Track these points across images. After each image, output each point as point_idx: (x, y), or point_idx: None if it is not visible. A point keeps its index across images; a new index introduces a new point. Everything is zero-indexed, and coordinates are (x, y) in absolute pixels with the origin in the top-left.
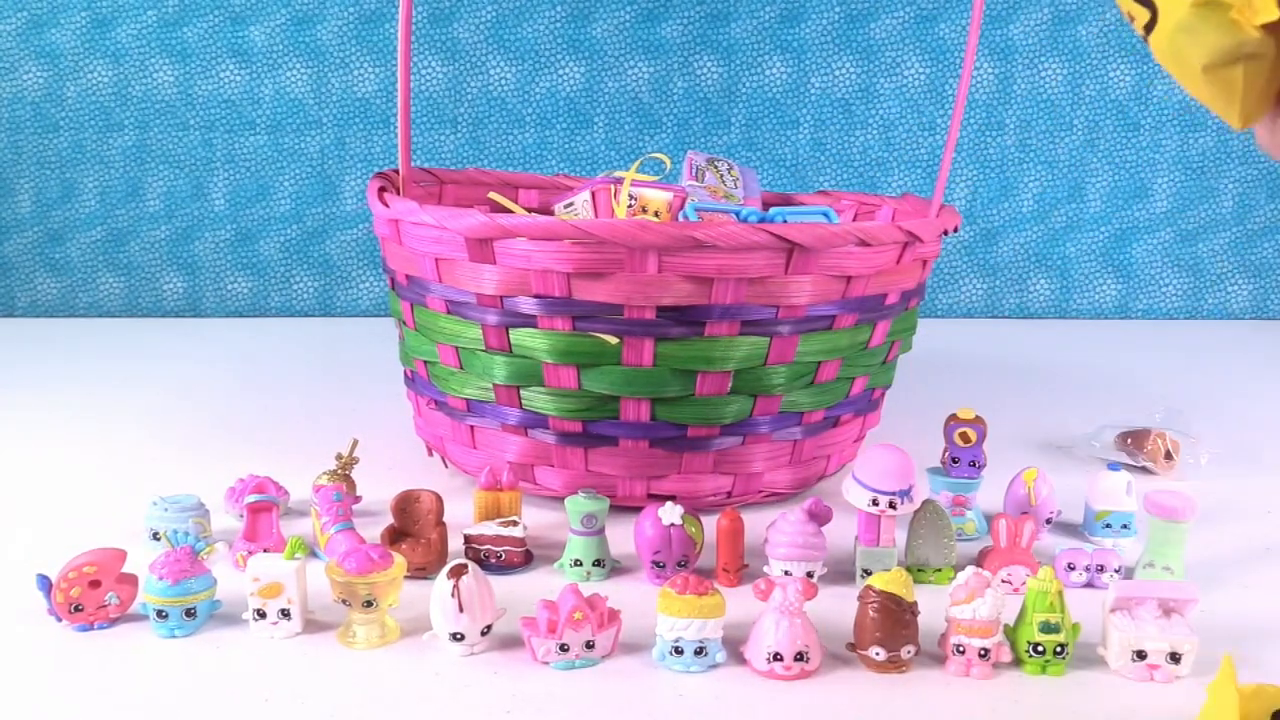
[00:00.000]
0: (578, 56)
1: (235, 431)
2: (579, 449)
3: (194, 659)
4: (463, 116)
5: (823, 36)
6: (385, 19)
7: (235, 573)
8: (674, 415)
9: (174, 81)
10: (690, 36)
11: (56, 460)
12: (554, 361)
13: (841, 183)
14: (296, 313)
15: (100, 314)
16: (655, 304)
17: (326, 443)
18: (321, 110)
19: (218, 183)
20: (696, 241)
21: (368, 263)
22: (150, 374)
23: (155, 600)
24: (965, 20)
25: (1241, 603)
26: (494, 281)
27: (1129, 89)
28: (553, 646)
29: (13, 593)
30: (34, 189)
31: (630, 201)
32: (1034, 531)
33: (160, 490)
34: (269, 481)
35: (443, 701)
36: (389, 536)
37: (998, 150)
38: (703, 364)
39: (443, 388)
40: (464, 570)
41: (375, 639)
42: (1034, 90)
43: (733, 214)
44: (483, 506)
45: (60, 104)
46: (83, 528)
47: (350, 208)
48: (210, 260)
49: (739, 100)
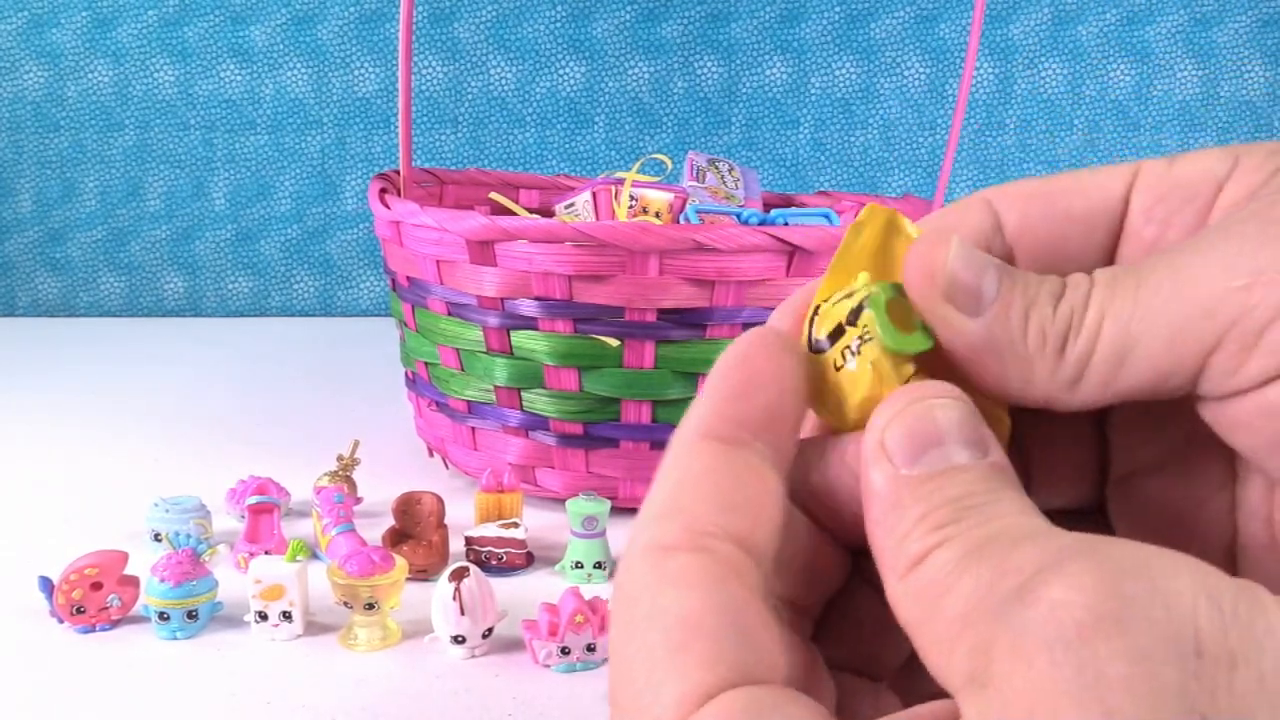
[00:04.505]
0: (578, 56)
1: (236, 432)
2: (580, 451)
3: (196, 661)
4: (463, 116)
5: (823, 36)
6: (386, 19)
7: (237, 575)
8: (675, 417)
9: (174, 81)
10: (690, 36)
11: (57, 460)
12: (555, 364)
13: (841, 183)
14: (296, 313)
15: (101, 313)
16: (656, 306)
17: (327, 444)
18: (322, 110)
19: (218, 182)
20: (697, 244)
21: (368, 263)
22: (150, 374)
23: (157, 602)
24: (965, 20)
25: None
26: (495, 284)
27: (1129, 89)
28: (554, 649)
29: (14, 594)
30: (34, 189)
31: (631, 202)
32: None
33: (161, 491)
34: (270, 483)
35: (444, 704)
36: (390, 538)
37: (998, 150)
38: (704, 366)
39: (444, 389)
40: (465, 573)
41: (377, 641)
42: (1034, 90)
43: (734, 215)
44: (484, 508)
45: (61, 104)
46: (84, 529)
47: (351, 208)
48: (211, 260)
49: (739, 100)
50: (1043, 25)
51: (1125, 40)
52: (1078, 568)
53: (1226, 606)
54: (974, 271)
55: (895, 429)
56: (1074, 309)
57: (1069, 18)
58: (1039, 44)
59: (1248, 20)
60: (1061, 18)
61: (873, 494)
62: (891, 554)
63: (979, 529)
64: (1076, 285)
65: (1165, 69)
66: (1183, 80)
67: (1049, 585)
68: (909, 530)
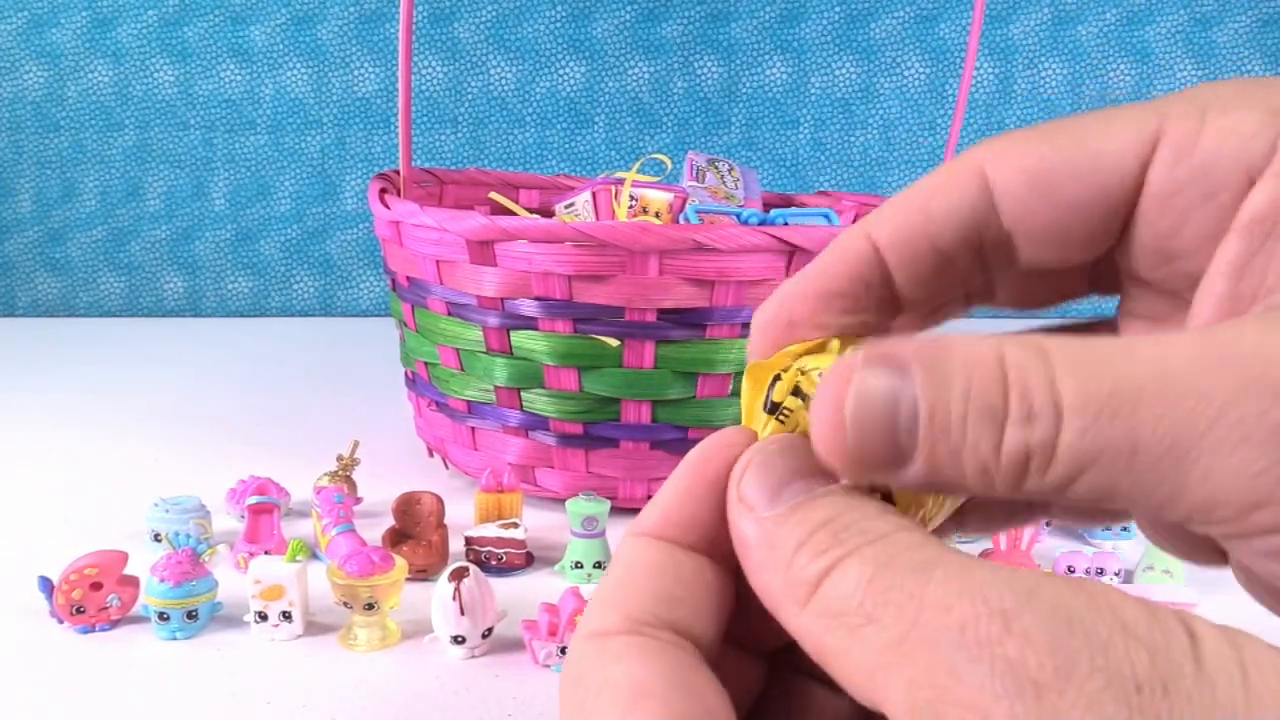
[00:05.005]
0: (578, 56)
1: (236, 432)
2: (580, 451)
3: (196, 661)
4: (463, 116)
5: (823, 36)
6: (385, 19)
7: (237, 575)
8: (675, 417)
9: (174, 81)
10: (690, 36)
11: (57, 460)
12: (555, 364)
13: (841, 183)
14: (296, 313)
15: (101, 314)
16: (656, 306)
17: (327, 444)
18: (322, 110)
19: (218, 182)
20: (697, 244)
21: (368, 263)
22: (150, 374)
23: (157, 602)
24: (965, 20)
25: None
26: (495, 284)
27: (1129, 89)
28: (554, 649)
29: (13, 594)
30: (34, 189)
31: (631, 202)
32: (1034, 534)
33: (161, 491)
34: (270, 483)
35: (444, 704)
36: (390, 538)
37: None
38: (704, 366)
39: (444, 389)
40: (465, 573)
41: (376, 641)
42: (1034, 90)
43: (734, 215)
44: (484, 508)
45: (60, 104)
46: (84, 529)
47: (351, 207)
48: (210, 260)
49: (739, 100)
50: (1043, 25)
51: (1125, 40)
52: (1023, 625)
53: (1144, 633)
54: (881, 430)
55: (748, 479)
56: (1029, 449)
57: (1069, 18)
58: (1039, 44)
59: (1248, 20)
60: (1061, 18)
61: (746, 545)
62: (783, 589)
63: (869, 547)
64: (1026, 404)
65: (1165, 69)
66: (1183, 80)
67: (1002, 644)
68: (791, 560)
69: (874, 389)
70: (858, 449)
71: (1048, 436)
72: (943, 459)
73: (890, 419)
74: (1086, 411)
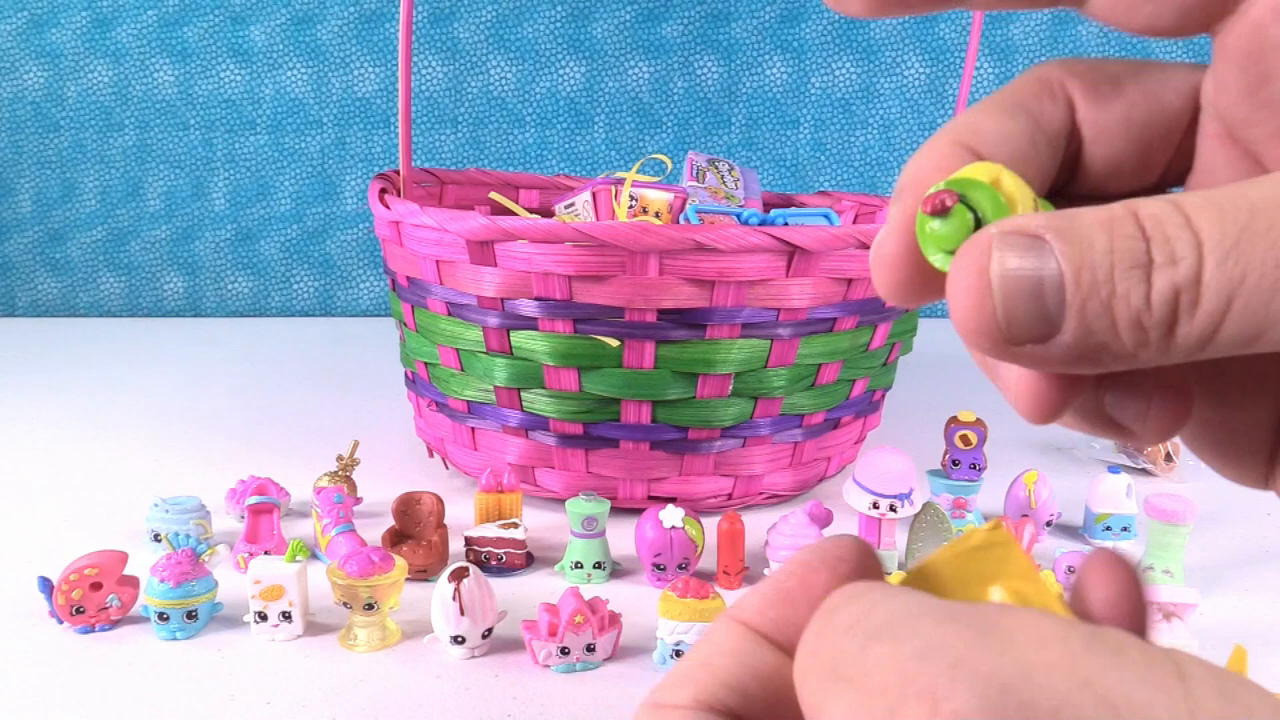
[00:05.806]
0: (578, 56)
1: (236, 432)
2: (580, 451)
3: (195, 662)
4: (463, 116)
5: (823, 36)
6: (385, 19)
7: (236, 575)
8: (675, 417)
9: (174, 81)
10: (690, 36)
11: (57, 461)
12: (555, 364)
13: (841, 183)
14: (296, 313)
15: (101, 314)
16: (656, 307)
17: (327, 444)
18: (322, 110)
19: (218, 182)
20: (697, 244)
21: (368, 263)
22: (150, 374)
23: (156, 603)
24: (965, 20)
25: (1242, 607)
26: (495, 284)
27: None
28: (553, 649)
29: (13, 594)
30: (34, 189)
31: (631, 202)
32: (1034, 534)
33: (161, 492)
34: (270, 483)
35: (444, 704)
36: (390, 538)
37: None
38: (703, 367)
39: (444, 389)
40: (465, 573)
41: (376, 641)
42: None
43: (734, 215)
44: (483, 508)
45: (60, 104)
46: (84, 529)
47: (350, 208)
48: (210, 260)
49: (739, 100)
50: (1043, 25)
51: (1125, 40)
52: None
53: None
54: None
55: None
56: (1178, 288)
57: (1069, 17)
58: (1039, 44)
59: None
60: (1061, 17)
61: None
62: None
63: None
64: (1168, 248)
65: None
66: None
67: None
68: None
69: (1015, 264)
70: (1007, 324)
71: (1193, 272)
72: (1093, 319)
73: (1036, 289)
74: (1225, 241)
